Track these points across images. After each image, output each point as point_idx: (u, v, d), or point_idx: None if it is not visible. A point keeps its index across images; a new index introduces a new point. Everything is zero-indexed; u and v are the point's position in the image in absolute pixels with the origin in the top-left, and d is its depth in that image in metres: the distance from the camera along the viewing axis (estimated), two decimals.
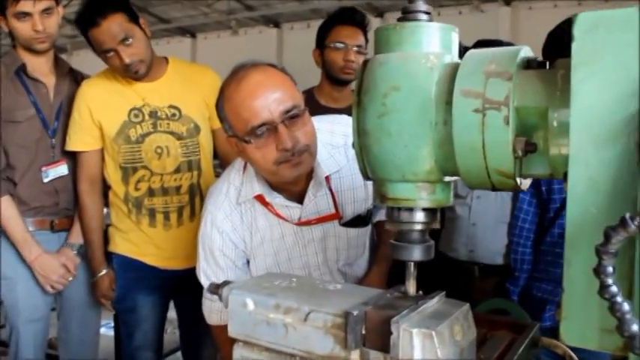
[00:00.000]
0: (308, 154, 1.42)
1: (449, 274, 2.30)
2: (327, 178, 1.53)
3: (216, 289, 1.09)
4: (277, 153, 1.37)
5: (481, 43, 2.12)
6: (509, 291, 2.17)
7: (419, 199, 0.91)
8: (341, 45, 2.49)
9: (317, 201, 1.54)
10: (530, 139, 0.81)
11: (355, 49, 2.50)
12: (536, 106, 0.80)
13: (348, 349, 0.90)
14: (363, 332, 0.90)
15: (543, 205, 2.12)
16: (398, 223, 0.95)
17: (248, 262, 1.61)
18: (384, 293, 1.00)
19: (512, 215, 2.22)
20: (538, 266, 2.13)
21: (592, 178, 0.72)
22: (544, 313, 2.02)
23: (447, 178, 0.93)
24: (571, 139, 0.74)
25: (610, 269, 0.65)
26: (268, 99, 1.36)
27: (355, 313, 0.89)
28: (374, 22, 2.33)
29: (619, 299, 0.65)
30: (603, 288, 0.66)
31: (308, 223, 1.56)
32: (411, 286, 0.99)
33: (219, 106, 1.45)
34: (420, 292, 0.99)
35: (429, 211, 0.95)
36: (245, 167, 1.56)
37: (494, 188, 0.87)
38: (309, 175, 1.51)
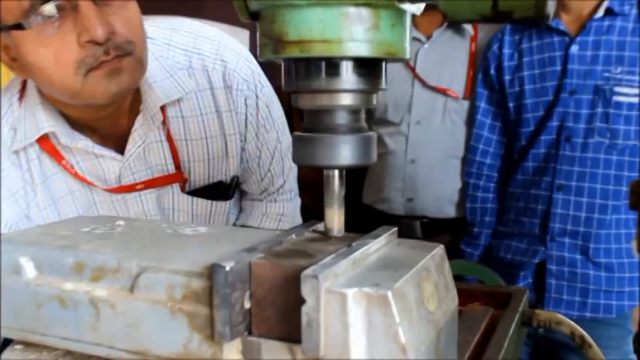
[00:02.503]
0: (133, 60, 1.12)
1: None
2: (163, 111, 1.25)
3: None
4: (80, 50, 1.07)
5: None
6: (465, 254, 2.06)
7: (347, 40, 0.60)
8: None
9: (148, 149, 1.26)
10: None
11: None
12: None
13: (217, 340, 0.57)
14: (247, 305, 0.57)
15: (511, 129, 1.98)
16: (307, 94, 0.63)
17: None
18: (286, 233, 0.68)
19: (468, 147, 2.09)
20: (505, 217, 2.01)
21: None
22: (516, 281, 1.88)
23: (401, 3, 0.62)
24: None
25: None
26: None
27: (228, 266, 0.55)
28: None
29: None
30: None
31: (131, 188, 1.27)
32: (335, 218, 0.68)
33: None
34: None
35: (367, 71, 0.63)
36: (22, 93, 1.23)
37: (495, 16, 0.57)
38: (135, 105, 1.23)
